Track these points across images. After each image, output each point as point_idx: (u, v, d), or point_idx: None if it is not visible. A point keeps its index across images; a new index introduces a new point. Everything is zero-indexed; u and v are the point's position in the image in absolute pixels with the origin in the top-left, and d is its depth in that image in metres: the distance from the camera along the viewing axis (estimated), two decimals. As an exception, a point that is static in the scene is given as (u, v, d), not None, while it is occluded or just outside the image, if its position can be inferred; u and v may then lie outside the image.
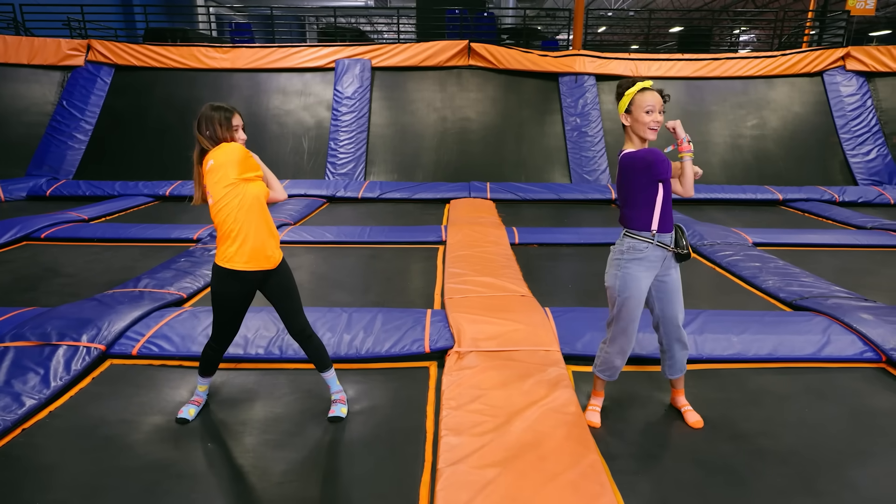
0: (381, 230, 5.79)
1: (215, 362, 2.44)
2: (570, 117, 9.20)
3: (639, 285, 2.25)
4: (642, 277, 2.24)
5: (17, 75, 8.96)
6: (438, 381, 2.73)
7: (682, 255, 2.26)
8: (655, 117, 2.15)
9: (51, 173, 8.53)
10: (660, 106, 2.16)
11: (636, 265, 2.23)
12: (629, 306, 2.26)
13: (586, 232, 5.82)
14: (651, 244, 2.21)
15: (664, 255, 2.24)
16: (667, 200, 2.22)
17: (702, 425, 2.42)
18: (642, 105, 2.15)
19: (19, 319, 3.11)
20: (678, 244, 2.26)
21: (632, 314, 2.28)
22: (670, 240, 2.25)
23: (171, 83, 9.43)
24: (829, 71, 9.48)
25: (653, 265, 2.24)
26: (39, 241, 5.43)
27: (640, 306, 2.29)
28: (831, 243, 5.58)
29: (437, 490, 1.87)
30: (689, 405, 2.51)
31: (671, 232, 2.25)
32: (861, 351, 3.00)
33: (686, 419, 2.46)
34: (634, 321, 2.30)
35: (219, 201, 2.13)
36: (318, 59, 9.44)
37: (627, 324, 2.31)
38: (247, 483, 2.05)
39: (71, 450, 2.21)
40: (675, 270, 2.31)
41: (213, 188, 2.13)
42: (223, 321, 2.30)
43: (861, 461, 2.20)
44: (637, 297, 2.26)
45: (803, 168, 8.95)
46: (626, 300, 2.26)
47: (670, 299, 2.31)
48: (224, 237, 2.17)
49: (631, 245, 2.24)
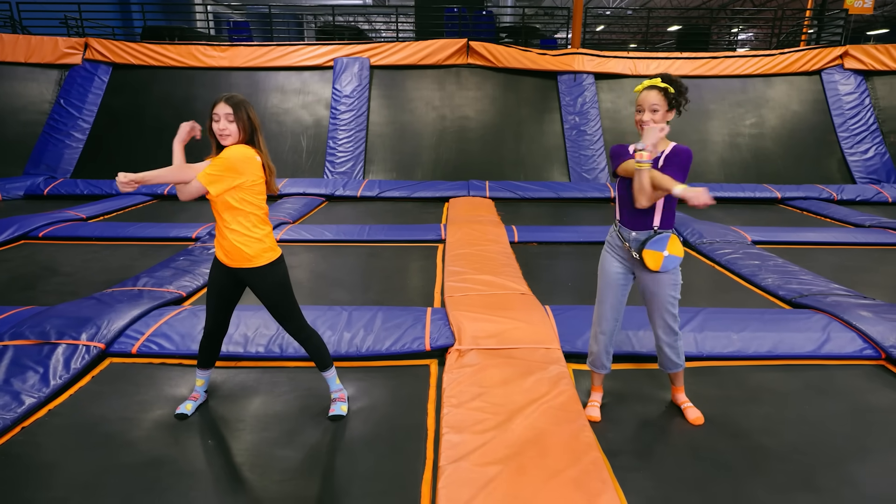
0: (381, 229, 5.78)
1: (211, 354, 2.44)
2: (569, 116, 9.20)
3: (604, 265, 2.38)
4: (608, 258, 2.37)
5: (15, 74, 8.93)
6: (439, 379, 2.72)
7: (636, 259, 2.25)
8: (642, 116, 2.18)
9: (48, 172, 8.50)
10: (649, 105, 2.16)
11: (606, 246, 2.40)
12: (599, 285, 2.40)
13: (585, 230, 5.82)
14: (615, 231, 2.34)
15: (625, 249, 2.30)
16: (622, 194, 2.26)
17: (702, 422, 2.42)
18: (637, 104, 2.22)
19: (18, 318, 3.09)
20: (638, 248, 2.20)
21: (600, 294, 2.40)
22: (630, 236, 2.25)
23: (168, 82, 9.40)
24: (828, 69, 9.50)
25: (619, 255, 2.33)
26: (37, 239, 5.40)
27: (608, 289, 2.36)
28: (830, 241, 5.59)
29: (438, 488, 1.87)
30: (689, 402, 2.52)
31: (639, 230, 2.22)
32: (861, 348, 3.01)
33: (686, 416, 2.46)
34: (602, 303, 2.40)
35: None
36: (316, 57, 9.42)
37: (597, 304, 2.42)
38: (246, 480, 2.05)
39: (71, 447, 2.20)
40: (649, 277, 2.26)
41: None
42: (209, 307, 2.36)
43: (861, 458, 2.20)
44: (604, 280, 2.38)
45: (802, 166, 8.97)
46: (599, 279, 2.40)
47: (646, 300, 2.36)
48: None
49: (609, 229, 2.41)
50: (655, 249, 2.19)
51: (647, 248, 2.19)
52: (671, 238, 2.21)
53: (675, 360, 2.42)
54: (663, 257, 2.20)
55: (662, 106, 2.17)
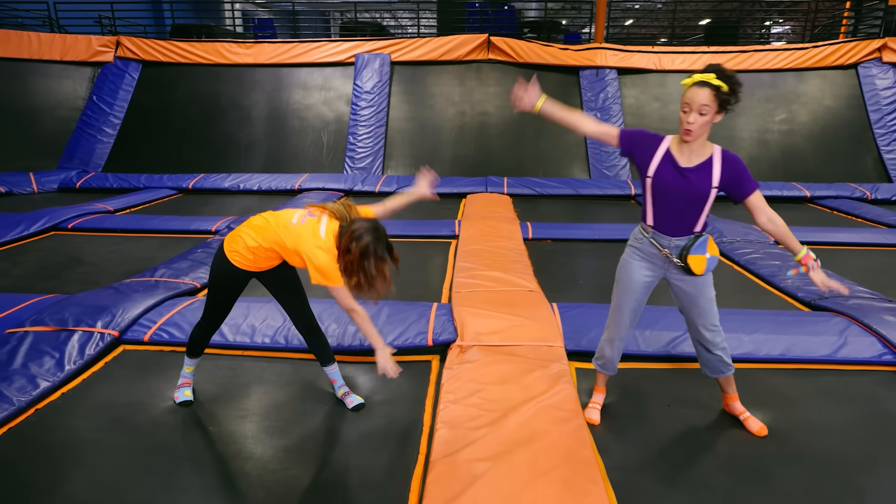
0: (396, 223, 5.80)
1: (205, 345, 2.50)
2: (591, 111, 9.06)
3: (630, 273, 2.21)
4: (635, 267, 2.20)
5: (50, 71, 9.27)
6: (440, 375, 2.73)
7: (680, 265, 2.11)
8: (689, 118, 1.92)
9: (81, 166, 8.82)
10: (698, 105, 1.90)
11: (632, 252, 2.22)
12: (617, 291, 2.27)
13: (602, 228, 5.73)
14: (646, 238, 2.16)
15: (663, 257, 2.14)
16: (662, 199, 2.05)
17: (766, 433, 2.27)
18: (683, 101, 1.94)
19: (40, 306, 3.23)
20: (680, 254, 2.08)
21: (619, 300, 2.27)
22: (669, 243, 2.09)
23: (195, 78, 9.63)
24: (864, 63, 9.11)
25: (650, 261, 2.17)
26: (66, 231, 5.62)
27: (629, 296, 2.23)
28: (859, 242, 5.38)
29: (427, 482, 1.88)
30: (746, 412, 2.35)
31: (678, 237, 2.08)
32: (880, 353, 2.89)
33: (748, 427, 2.31)
34: (621, 309, 2.27)
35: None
36: (338, 53, 9.50)
37: (615, 311, 2.30)
38: (242, 467, 2.09)
39: (80, 430, 2.29)
40: (690, 282, 2.13)
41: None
42: (221, 307, 2.38)
43: (871, 468, 2.12)
44: (625, 284, 2.23)
45: (834, 164, 8.64)
46: (616, 283, 2.27)
47: (687, 308, 2.22)
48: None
49: (634, 232, 2.23)
50: (699, 253, 2.08)
51: (692, 253, 2.06)
52: (709, 239, 2.12)
53: (727, 360, 2.28)
54: (706, 260, 2.10)
55: (712, 107, 1.90)
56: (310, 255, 2.07)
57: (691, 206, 2.05)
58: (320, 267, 2.07)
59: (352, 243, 2.02)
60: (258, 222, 2.24)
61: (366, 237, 2.02)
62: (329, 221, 2.13)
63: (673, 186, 2.03)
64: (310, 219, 2.15)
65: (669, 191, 2.04)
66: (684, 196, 2.03)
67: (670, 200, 2.05)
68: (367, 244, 2.01)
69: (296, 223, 2.15)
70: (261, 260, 2.23)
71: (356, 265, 2.03)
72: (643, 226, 2.18)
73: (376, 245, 2.03)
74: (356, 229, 2.03)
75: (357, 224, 2.06)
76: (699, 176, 2.01)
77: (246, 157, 9.06)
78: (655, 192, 2.08)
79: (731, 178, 2.01)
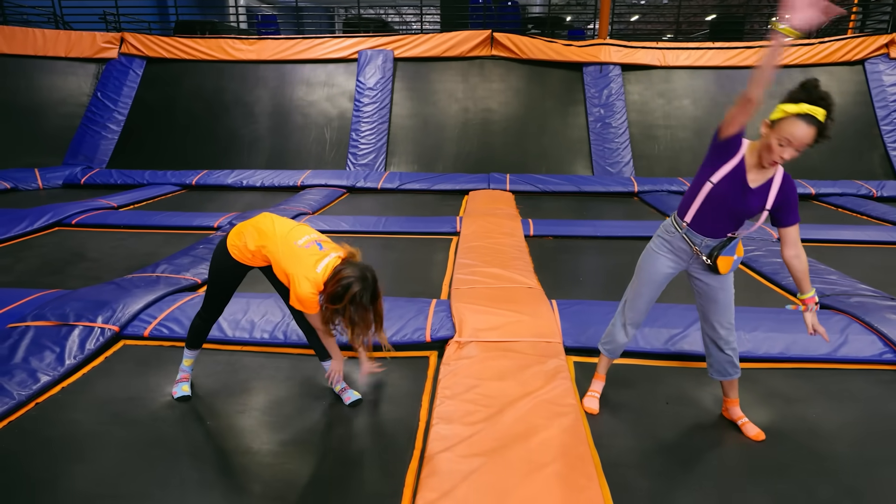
0: (397, 220, 5.81)
1: (204, 336, 2.53)
2: (594, 108, 9.02)
3: (653, 263, 2.21)
4: (660, 257, 2.20)
5: (56, 68, 9.32)
6: (437, 371, 2.73)
7: (707, 264, 2.11)
8: (785, 153, 1.84)
9: (86, 162, 8.87)
10: (800, 144, 1.80)
11: (660, 242, 2.22)
12: (639, 279, 2.27)
13: (604, 225, 5.72)
14: (679, 233, 2.14)
15: (691, 253, 2.14)
16: (712, 206, 2.01)
17: (763, 438, 2.24)
18: (784, 132, 1.81)
19: (41, 301, 3.25)
20: (710, 253, 2.07)
21: (639, 288, 2.27)
22: (702, 242, 2.09)
23: (199, 75, 9.65)
24: (872, 59, 9.02)
25: (677, 254, 2.17)
26: (70, 227, 5.65)
27: (649, 286, 2.24)
28: (863, 240, 5.34)
29: (422, 477, 1.89)
30: (744, 417, 2.32)
31: (712, 238, 2.07)
32: (880, 352, 2.87)
33: (745, 432, 2.28)
34: (640, 297, 2.27)
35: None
36: (341, 50, 9.50)
37: (635, 297, 2.29)
38: (238, 461, 2.11)
39: (80, 424, 2.31)
40: (713, 277, 2.14)
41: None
42: (220, 297, 2.43)
43: (871, 468, 2.11)
44: (646, 273, 2.23)
45: (840, 161, 8.55)
46: (638, 271, 2.28)
47: (704, 304, 2.22)
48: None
49: (666, 224, 2.21)
50: (728, 255, 2.08)
51: (723, 254, 2.07)
52: (739, 242, 2.12)
53: (735, 362, 2.27)
54: (734, 261, 2.12)
55: (812, 140, 1.80)
56: (296, 281, 2.08)
57: (738, 218, 2.05)
58: (301, 297, 2.08)
59: (338, 287, 2.02)
60: (264, 226, 2.24)
61: (355, 286, 2.01)
62: (332, 261, 2.12)
63: (730, 200, 1.99)
64: (317, 250, 2.14)
65: (725, 203, 2.00)
66: (737, 211, 2.01)
67: (722, 210, 2.02)
68: (353, 293, 2.01)
69: (300, 245, 2.15)
70: (259, 260, 2.25)
71: (339, 309, 2.03)
72: (677, 220, 2.14)
73: (362, 294, 2.03)
74: (346, 275, 2.03)
75: (348, 269, 2.05)
76: (758, 197, 1.98)
77: (249, 153, 9.08)
78: (710, 199, 2.02)
79: (782, 203, 1.98)
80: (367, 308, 2.07)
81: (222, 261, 2.30)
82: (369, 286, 2.06)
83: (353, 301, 2.02)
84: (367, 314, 2.07)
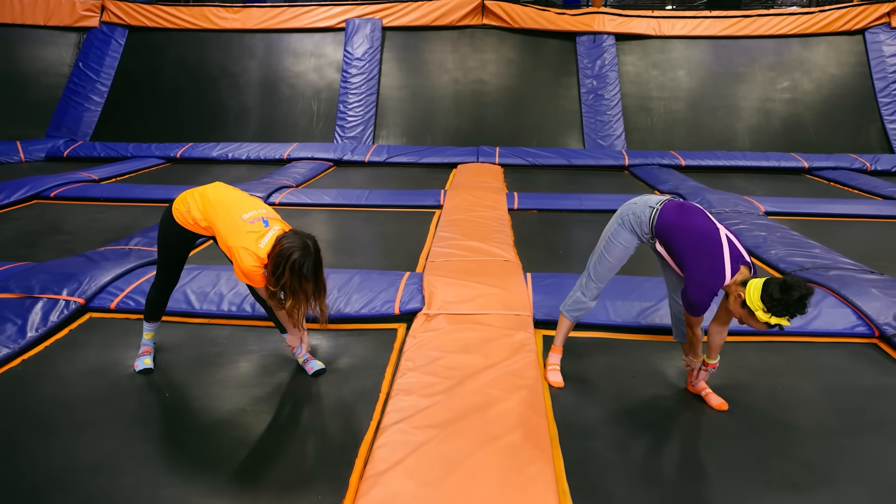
0: (380, 194, 5.74)
1: (163, 307, 2.51)
2: (587, 79, 8.84)
3: (623, 240, 2.33)
4: (627, 237, 2.31)
5: (35, 37, 9.07)
6: (403, 344, 2.71)
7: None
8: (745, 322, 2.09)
9: (69, 135, 8.72)
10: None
11: (630, 224, 2.31)
12: (604, 247, 2.38)
13: (589, 198, 5.64)
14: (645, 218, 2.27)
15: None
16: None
17: (726, 408, 2.25)
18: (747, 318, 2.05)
19: (8, 273, 3.21)
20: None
21: (604, 254, 2.38)
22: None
23: (183, 44, 9.41)
24: (872, 28, 8.80)
25: (645, 234, 2.29)
26: (49, 199, 5.57)
27: (615, 252, 2.33)
28: (852, 213, 5.29)
29: (374, 447, 1.88)
30: (708, 388, 2.34)
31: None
32: (853, 325, 2.85)
33: (709, 402, 2.29)
34: (605, 262, 2.38)
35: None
36: (328, 18, 9.25)
37: (598, 262, 2.40)
38: (198, 433, 2.10)
39: (39, 397, 2.29)
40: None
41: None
42: (173, 265, 2.40)
43: (828, 440, 2.10)
44: (615, 245, 2.34)
45: (837, 134, 8.44)
46: (606, 242, 2.38)
47: (667, 274, 2.36)
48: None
49: (642, 218, 2.28)
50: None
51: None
52: None
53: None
54: None
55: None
56: (237, 254, 2.03)
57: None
58: (245, 269, 2.04)
59: (279, 257, 1.97)
60: (211, 195, 2.19)
61: (295, 254, 1.97)
62: (275, 233, 2.06)
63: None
64: (262, 227, 2.08)
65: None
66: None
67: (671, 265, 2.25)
68: (293, 260, 1.96)
69: (245, 220, 2.09)
70: (201, 228, 2.19)
71: (280, 277, 1.98)
72: (651, 234, 2.25)
73: (303, 262, 1.98)
74: (287, 244, 1.98)
75: (289, 238, 2.00)
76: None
77: (236, 125, 8.93)
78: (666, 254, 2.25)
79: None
80: (308, 278, 2.02)
81: (167, 227, 2.25)
82: (310, 255, 2.01)
83: (293, 270, 1.97)
84: (307, 284, 2.02)
